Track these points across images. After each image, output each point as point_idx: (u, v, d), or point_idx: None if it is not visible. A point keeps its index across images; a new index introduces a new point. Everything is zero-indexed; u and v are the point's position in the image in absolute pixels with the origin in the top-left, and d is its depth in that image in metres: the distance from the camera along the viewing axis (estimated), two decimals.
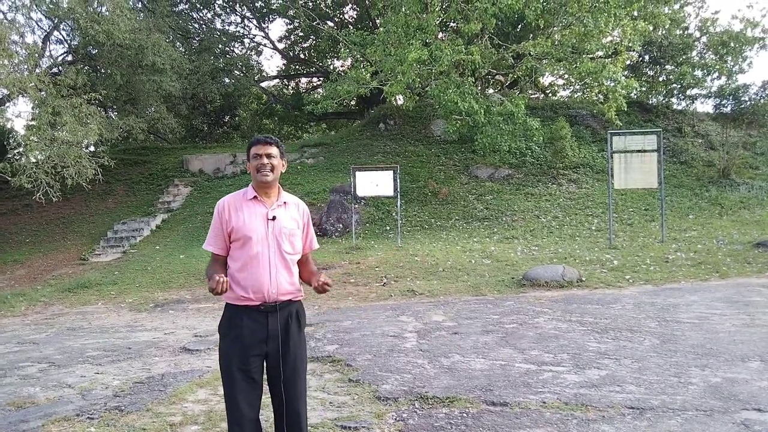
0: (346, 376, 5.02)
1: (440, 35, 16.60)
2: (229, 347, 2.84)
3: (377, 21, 22.09)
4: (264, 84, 29.62)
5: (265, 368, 2.89)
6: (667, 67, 19.80)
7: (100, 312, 9.44)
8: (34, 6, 16.29)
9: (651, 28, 17.34)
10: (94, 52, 18.20)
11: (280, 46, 28.38)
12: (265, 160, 2.88)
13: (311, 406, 4.32)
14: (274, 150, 2.91)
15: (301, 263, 3.09)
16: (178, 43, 22.75)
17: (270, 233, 2.87)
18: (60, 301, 10.55)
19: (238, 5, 26.02)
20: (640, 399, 4.11)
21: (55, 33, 19.44)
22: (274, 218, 2.88)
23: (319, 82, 29.66)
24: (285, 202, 2.98)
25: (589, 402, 4.10)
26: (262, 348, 2.82)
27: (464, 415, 4.02)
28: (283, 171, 2.99)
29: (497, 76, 22.69)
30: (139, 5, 21.81)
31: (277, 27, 50.55)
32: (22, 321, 9.17)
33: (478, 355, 5.44)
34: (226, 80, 23.74)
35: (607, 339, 5.77)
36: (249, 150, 2.94)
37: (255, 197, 2.92)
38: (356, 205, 14.68)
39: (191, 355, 6.16)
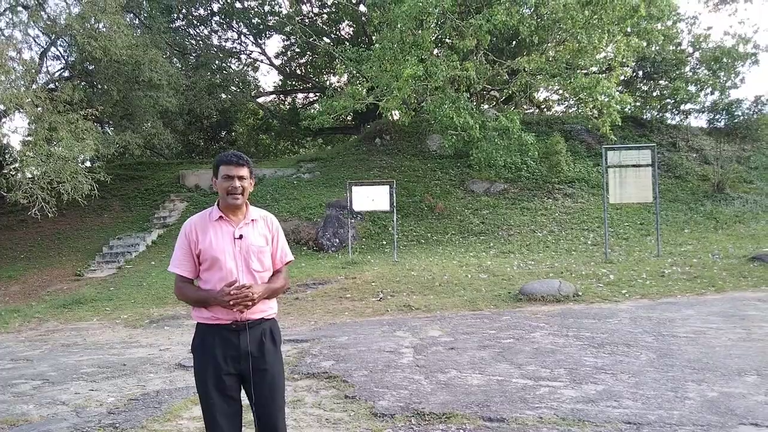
0: (342, 393, 4.99)
1: (435, 51, 16.72)
2: (203, 367, 2.81)
3: (373, 37, 22.28)
4: (260, 99, 29.75)
5: (243, 386, 2.86)
6: (660, 82, 19.99)
7: (95, 328, 9.38)
8: (32, 22, 16.39)
9: (644, 44, 17.54)
10: (90, 68, 18.30)
11: (277, 62, 28.58)
12: (237, 183, 2.82)
13: (307, 423, 4.30)
14: (245, 171, 2.85)
15: (272, 280, 2.97)
16: (174, 59, 22.89)
17: (238, 252, 2.83)
18: (54, 318, 10.48)
19: (234, 22, 26.22)
20: (637, 414, 4.10)
21: (52, 49, 19.56)
22: (241, 237, 2.84)
23: (315, 98, 29.80)
24: (253, 220, 2.93)
25: (586, 417, 4.08)
26: (236, 367, 2.79)
27: (461, 431, 4.00)
28: (251, 190, 2.93)
29: (492, 92, 22.84)
30: (136, 22, 21.94)
31: (274, 43, 50.94)
32: (16, 337, 9.10)
33: (474, 370, 5.42)
34: (223, 96, 23.84)
35: (603, 354, 5.77)
36: (217, 167, 2.86)
37: (221, 217, 2.87)
38: (352, 220, 14.69)
39: (186, 372, 6.12)
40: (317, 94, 28.63)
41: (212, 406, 2.78)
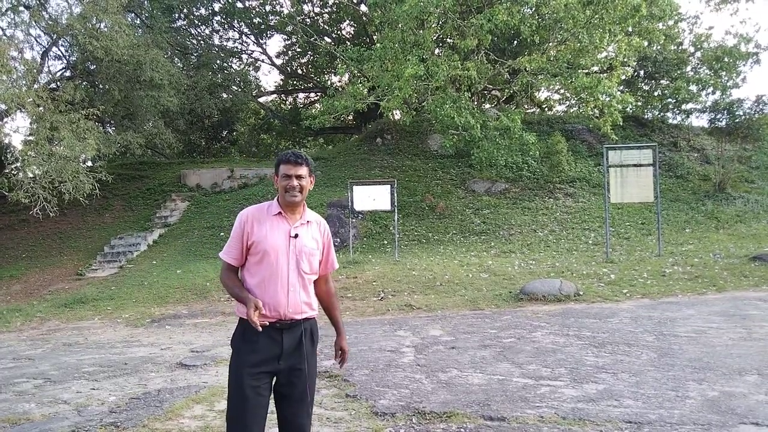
0: (343, 392, 5.00)
1: (437, 51, 16.73)
2: (241, 363, 2.79)
3: (374, 37, 22.30)
4: (262, 99, 29.74)
5: (274, 385, 2.85)
6: (662, 81, 19.96)
7: (96, 327, 9.40)
8: (33, 22, 16.40)
9: (646, 43, 17.52)
10: (92, 68, 18.29)
11: (278, 61, 28.57)
12: (295, 182, 2.84)
13: None
14: (304, 170, 2.88)
15: (320, 282, 3.06)
16: (176, 59, 22.86)
17: (291, 251, 2.84)
18: (56, 317, 10.50)
19: (236, 22, 26.20)
20: (637, 413, 4.11)
21: (54, 49, 19.54)
22: (296, 236, 2.85)
23: (316, 97, 29.80)
24: (308, 221, 2.95)
25: (587, 416, 4.09)
26: (274, 365, 2.78)
27: (462, 430, 4.01)
28: (311, 188, 2.96)
29: (493, 91, 22.85)
30: (138, 21, 21.95)
31: (275, 43, 50.95)
32: (18, 336, 9.12)
33: (475, 369, 5.43)
34: (224, 95, 23.83)
35: (604, 353, 5.77)
36: (278, 166, 2.90)
37: (279, 213, 2.89)
38: (353, 220, 14.69)
39: (188, 371, 6.13)
40: (318, 93, 28.62)
41: (243, 403, 2.75)
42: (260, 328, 2.65)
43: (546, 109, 25.88)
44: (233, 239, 2.90)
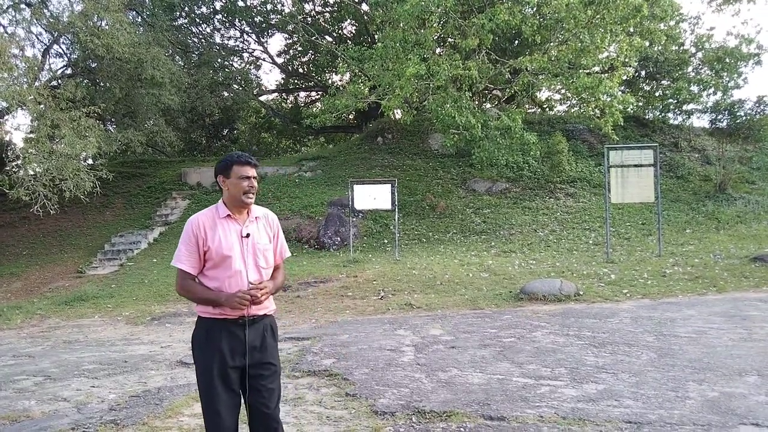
0: (343, 390, 5.00)
1: (438, 50, 16.72)
2: (208, 360, 2.85)
3: (375, 36, 22.28)
4: (263, 98, 29.74)
5: (242, 379, 2.91)
6: (663, 82, 19.97)
7: (96, 325, 9.40)
8: (35, 20, 16.41)
9: (647, 43, 17.51)
10: (93, 66, 18.31)
11: (279, 60, 28.57)
12: (255, 183, 2.95)
13: (308, 421, 4.31)
14: (256, 172, 2.99)
15: (273, 272, 3.11)
16: (177, 57, 22.86)
17: (246, 250, 2.91)
18: (56, 314, 10.50)
19: (237, 20, 26.20)
20: (637, 413, 4.11)
21: (55, 47, 19.56)
22: (248, 235, 2.92)
23: (317, 96, 29.80)
24: (257, 217, 3.02)
25: (587, 416, 4.09)
26: (241, 360, 2.86)
27: (461, 429, 4.01)
28: None
29: (494, 91, 22.80)
30: (139, 19, 21.95)
31: (276, 41, 50.97)
32: (18, 334, 9.12)
33: (475, 369, 5.43)
34: (225, 94, 23.84)
35: (604, 353, 5.77)
36: (230, 167, 2.91)
37: (228, 215, 2.93)
38: (354, 219, 14.70)
39: (187, 369, 6.13)
40: (319, 92, 28.62)
41: (216, 398, 2.83)
42: (249, 298, 2.78)
43: (547, 109, 25.86)
44: (187, 248, 2.90)
